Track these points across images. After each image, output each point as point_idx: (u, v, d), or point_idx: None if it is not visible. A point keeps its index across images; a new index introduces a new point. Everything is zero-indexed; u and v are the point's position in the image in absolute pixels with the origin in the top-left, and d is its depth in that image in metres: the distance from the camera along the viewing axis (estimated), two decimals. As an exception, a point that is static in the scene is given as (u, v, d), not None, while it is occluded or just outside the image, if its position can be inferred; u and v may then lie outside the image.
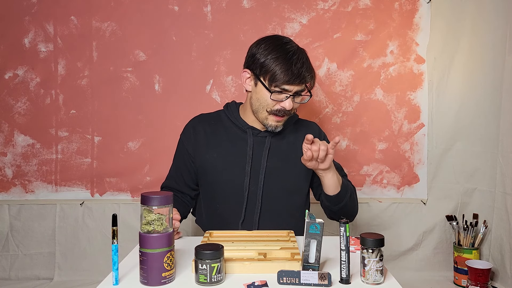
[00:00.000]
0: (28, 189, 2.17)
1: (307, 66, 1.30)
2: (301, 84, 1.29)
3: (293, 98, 1.30)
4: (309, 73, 1.30)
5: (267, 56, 1.28)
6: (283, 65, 1.26)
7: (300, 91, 1.31)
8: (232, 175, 1.37)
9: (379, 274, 0.92)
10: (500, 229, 1.97)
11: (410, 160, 2.15)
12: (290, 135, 1.43)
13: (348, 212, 1.39)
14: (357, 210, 1.46)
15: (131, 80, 2.13)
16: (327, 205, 1.38)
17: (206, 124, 1.44)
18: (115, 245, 0.92)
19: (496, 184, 2.00)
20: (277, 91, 1.28)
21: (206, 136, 1.42)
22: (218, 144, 1.40)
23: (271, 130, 1.35)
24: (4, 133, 2.15)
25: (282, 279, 0.92)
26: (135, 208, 2.13)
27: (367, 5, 2.10)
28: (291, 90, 1.28)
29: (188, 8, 2.11)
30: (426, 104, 2.13)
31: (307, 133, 1.28)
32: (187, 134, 1.45)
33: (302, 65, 1.28)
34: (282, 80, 1.26)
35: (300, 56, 1.29)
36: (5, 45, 2.12)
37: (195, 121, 1.47)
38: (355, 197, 1.43)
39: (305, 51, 1.35)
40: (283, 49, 1.29)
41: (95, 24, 2.12)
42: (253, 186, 1.37)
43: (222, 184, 1.38)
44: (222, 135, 1.41)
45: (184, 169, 1.44)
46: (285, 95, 1.29)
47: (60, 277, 2.12)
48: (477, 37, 2.05)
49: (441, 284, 2.06)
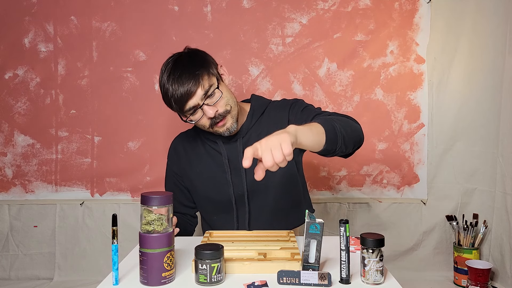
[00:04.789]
0: (28, 189, 2.17)
1: (184, 79, 1.21)
2: (194, 94, 1.21)
3: (206, 105, 1.23)
4: (191, 81, 1.20)
5: (163, 92, 1.27)
6: (166, 98, 1.25)
7: (205, 94, 1.22)
8: (218, 187, 1.37)
9: (379, 274, 0.92)
10: (500, 229, 1.97)
11: (410, 160, 2.15)
12: (259, 126, 1.38)
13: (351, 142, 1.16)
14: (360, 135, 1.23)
15: (131, 80, 2.13)
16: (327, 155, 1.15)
17: (186, 142, 1.45)
18: (115, 245, 0.92)
19: (496, 184, 2.00)
20: (188, 115, 1.26)
21: (187, 155, 1.43)
22: (199, 160, 1.41)
23: (229, 134, 1.31)
24: (4, 133, 2.15)
25: (282, 279, 0.92)
26: (135, 208, 2.13)
27: (367, 5, 2.10)
28: (194, 105, 1.23)
29: (188, 8, 2.11)
30: (426, 104, 2.13)
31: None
32: (170, 156, 1.47)
33: (178, 85, 1.21)
34: (177, 109, 1.25)
35: (173, 76, 1.22)
36: (5, 45, 2.12)
37: (176, 141, 1.48)
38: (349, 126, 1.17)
39: (184, 55, 1.27)
40: (161, 81, 1.26)
41: (95, 24, 2.12)
42: (239, 191, 1.37)
43: (211, 197, 1.40)
44: (201, 150, 1.41)
45: (176, 190, 1.45)
46: (197, 112, 1.25)
47: (60, 277, 2.12)
48: (477, 37, 2.05)
49: (441, 284, 2.06)
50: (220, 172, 1.37)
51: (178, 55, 1.29)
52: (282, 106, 1.40)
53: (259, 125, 1.38)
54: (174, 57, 1.29)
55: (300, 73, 2.12)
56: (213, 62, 1.30)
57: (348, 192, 2.18)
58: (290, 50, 2.12)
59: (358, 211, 2.15)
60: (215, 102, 1.25)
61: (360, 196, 2.17)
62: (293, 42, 2.12)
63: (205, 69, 1.24)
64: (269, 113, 1.39)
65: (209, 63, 1.28)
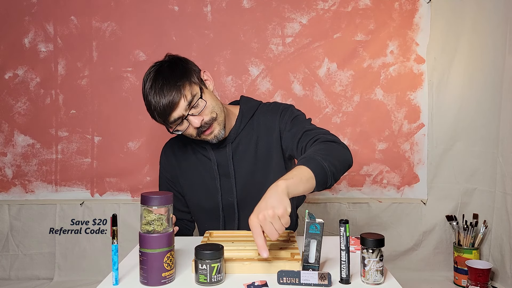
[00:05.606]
0: (28, 189, 2.17)
1: (165, 91, 1.19)
2: (177, 107, 1.19)
3: (191, 115, 1.21)
4: (173, 93, 1.18)
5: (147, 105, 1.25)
6: (149, 110, 1.24)
7: (189, 104, 1.20)
8: (207, 194, 1.36)
9: (379, 274, 0.92)
10: (500, 229, 1.97)
11: (410, 160, 2.15)
12: (249, 130, 1.35)
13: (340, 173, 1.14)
14: (348, 162, 1.18)
15: (131, 80, 2.13)
16: None
17: (176, 148, 1.43)
18: (115, 245, 0.92)
19: (496, 184, 2.00)
20: (175, 126, 1.24)
21: (177, 161, 1.42)
22: (189, 167, 1.39)
23: (217, 141, 1.28)
24: (4, 133, 2.15)
25: (282, 279, 0.92)
26: (135, 208, 2.13)
27: (367, 5, 2.10)
28: (178, 116, 1.21)
29: (188, 8, 2.11)
30: (426, 104, 2.13)
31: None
32: (162, 162, 1.46)
33: (160, 97, 1.19)
34: (162, 121, 1.23)
35: (154, 88, 1.20)
36: (5, 45, 2.12)
37: (166, 147, 1.47)
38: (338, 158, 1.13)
39: (165, 65, 1.24)
40: (144, 93, 1.24)
41: (95, 24, 2.12)
42: (229, 197, 1.35)
43: (201, 204, 1.39)
44: (191, 156, 1.39)
45: None
46: (183, 123, 1.23)
47: (60, 277, 2.12)
48: (477, 37, 2.05)
49: (441, 284, 2.06)
50: (209, 179, 1.36)
51: (159, 65, 1.25)
52: (273, 110, 1.36)
53: (248, 130, 1.35)
54: (155, 67, 1.26)
55: (300, 73, 2.12)
56: (194, 69, 1.27)
57: (348, 192, 2.18)
58: (290, 50, 2.12)
59: (358, 211, 2.15)
60: (199, 111, 1.22)
61: (360, 196, 2.17)
62: (293, 42, 2.12)
63: (186, 79, 1.21)
64: (258, 117, 1.36)
65: (190, 71, 1.24)
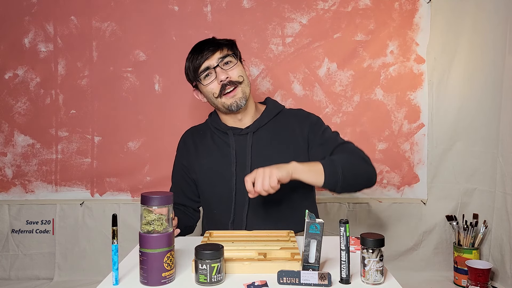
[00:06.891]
0: (28, 189, 2.17)
1: (211, 41, 1.36)
2: (211, 56, 1.32)
3: (220, 68, 1.32)
4: (214, 44, 1.34)
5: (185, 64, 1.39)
6: (186, 64, 1.38)
7: (222, 58, 1.32)
8: (221, 179, 1.38)
9: (379, 274, 0.92)
10: (500, 229, 1.97)
11: (410, 160, 2.15)
12: (272, 127, 1.41)
13: (355, 184, 1.29)
14: (370, 178, 1.33)
15: (131, 80, 2.13)
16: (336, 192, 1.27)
17: (196, 136, 1.48)
18: (115, 245, 0.92)
19: (496, 184, 2.00)
20: (202, 76, 1.33)
21: (195, 147, 1.45)
22: (207, 152, 1.43)
23: (235, 109, 1.34)
24: (4, 133, 2.15)
25: (282, 279, 0.92)
26: (135, 208, 2.13)
27: (367, 5, 2.10)
28: (208, 66, 1.32)
29: (188, 8, 2.11)
30: (426, 104, 2.13)
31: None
32: (179, 149, 1.51)
33: (203, 44, 1.35)
34: (194, 65, 1.33)
35: (199, 43, 1.37)
36: (5, 45, 2.12)
37: (186, 134, 1.52)
38: (356, 169, 1.27)
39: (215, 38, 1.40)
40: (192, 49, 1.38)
41: (95, 24, 2.12)
42: (241, 184, 1.34)
43: (214, 188, 1.41)
44: (210, 142, 1.44)
45: (183, 182, 1.48)
46: (210, 74, 1.33)
47: (60, 277, 2.12)
48: (477, 37, 2.05)
49: (441, 284, 2.06)
50: (226, 165, 1.38)
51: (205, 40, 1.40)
52: (300, 117, 1.44)
53: (271, 126, 1.41)
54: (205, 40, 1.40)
55: (300, 73, 2.12)
56: (237, 48, 1.40)
57: (348, 192, 2.18)
58: (290, 50, 2.12)
59: (358, 211, 2.15)
60: (229, 68, 1.32)
61: (360, 196, 2.17)
62: (293, 42, 2.12)
63: (229, 45, 1.36)
64: (283, 118, 1.43)
65: (235, 46, 1.39)
